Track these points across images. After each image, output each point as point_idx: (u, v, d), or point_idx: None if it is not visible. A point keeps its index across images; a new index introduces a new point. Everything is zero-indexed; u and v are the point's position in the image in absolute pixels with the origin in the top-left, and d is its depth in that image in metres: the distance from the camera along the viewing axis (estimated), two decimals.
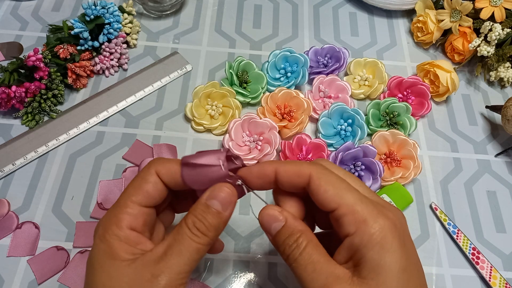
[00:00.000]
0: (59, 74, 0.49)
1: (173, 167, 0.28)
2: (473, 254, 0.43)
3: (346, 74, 0.56)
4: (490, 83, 0.58)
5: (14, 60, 0.48)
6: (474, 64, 0.58)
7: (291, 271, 0.26)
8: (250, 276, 0.41)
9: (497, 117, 0.54)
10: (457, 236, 0.44)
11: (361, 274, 0.24)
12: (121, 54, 0.54)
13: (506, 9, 0.53)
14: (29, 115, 0.48)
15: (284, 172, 0.27)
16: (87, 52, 0.52)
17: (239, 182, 0.28)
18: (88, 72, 0.52)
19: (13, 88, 0.46)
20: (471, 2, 0.54)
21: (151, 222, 0.28)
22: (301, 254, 0.25)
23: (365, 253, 0.24)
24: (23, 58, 0.48)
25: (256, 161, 0.47)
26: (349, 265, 0.25)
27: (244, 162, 0.46)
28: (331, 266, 0.25)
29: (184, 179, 0.27)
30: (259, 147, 0.47)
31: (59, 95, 0.50)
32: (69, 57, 0.50)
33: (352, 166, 0.46)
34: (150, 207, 0.28)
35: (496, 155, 0.51)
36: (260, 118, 0.48)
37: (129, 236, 0.26)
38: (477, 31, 0.55)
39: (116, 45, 0.53)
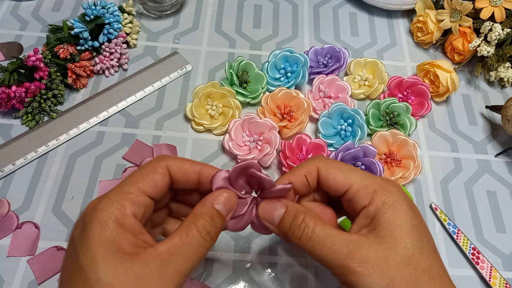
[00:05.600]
0: (59, 74, 0.49)
1: (185, 164, 0.28)
2: (473, 254, 0.43)
3: (346, 74, 0.56)
4: (490, 83, 0.58)
5: (14, 60, 0.48)
6: (474, 64, 0.58)
7: (306, 252, 0.26)
8: (250, 276, 0.41)
9: (497, 117, 0.54)
10: (457, 236, 0.44)
11: (378, 234, 0.26)
12: (121, 54, 0.54)
13: (506, 9, 0.53)
14: (29, 115, 0.48)
15: (296, 178, 0.29)
16: (87, 52, 0.52)
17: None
18: (88, 72, 0.52)
19: (13, 88, 0.46)
20: (471, 2, 0.54)
21: (149, 216, 0.28)
22: (314, 232, 0.26)
23: (379, 217, 0.26)
24: (23, 58, 0.48)
25: (255, 161, 0.47)
26: (363, 232, 0.26)
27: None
28: (346, 235, 0.26)
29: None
30: (259, 147, 0.47)
31: (59, 95, 0.50)
32: (69, 57, 0.50)
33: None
34: (152, 199, 0.27)
35: (496, 155, 0.51)
36: (260, 118, 0.48)
37: (133, 225, 0.24)
38: (477, 31, 0.55)
39: (116, 45, 0.53)
